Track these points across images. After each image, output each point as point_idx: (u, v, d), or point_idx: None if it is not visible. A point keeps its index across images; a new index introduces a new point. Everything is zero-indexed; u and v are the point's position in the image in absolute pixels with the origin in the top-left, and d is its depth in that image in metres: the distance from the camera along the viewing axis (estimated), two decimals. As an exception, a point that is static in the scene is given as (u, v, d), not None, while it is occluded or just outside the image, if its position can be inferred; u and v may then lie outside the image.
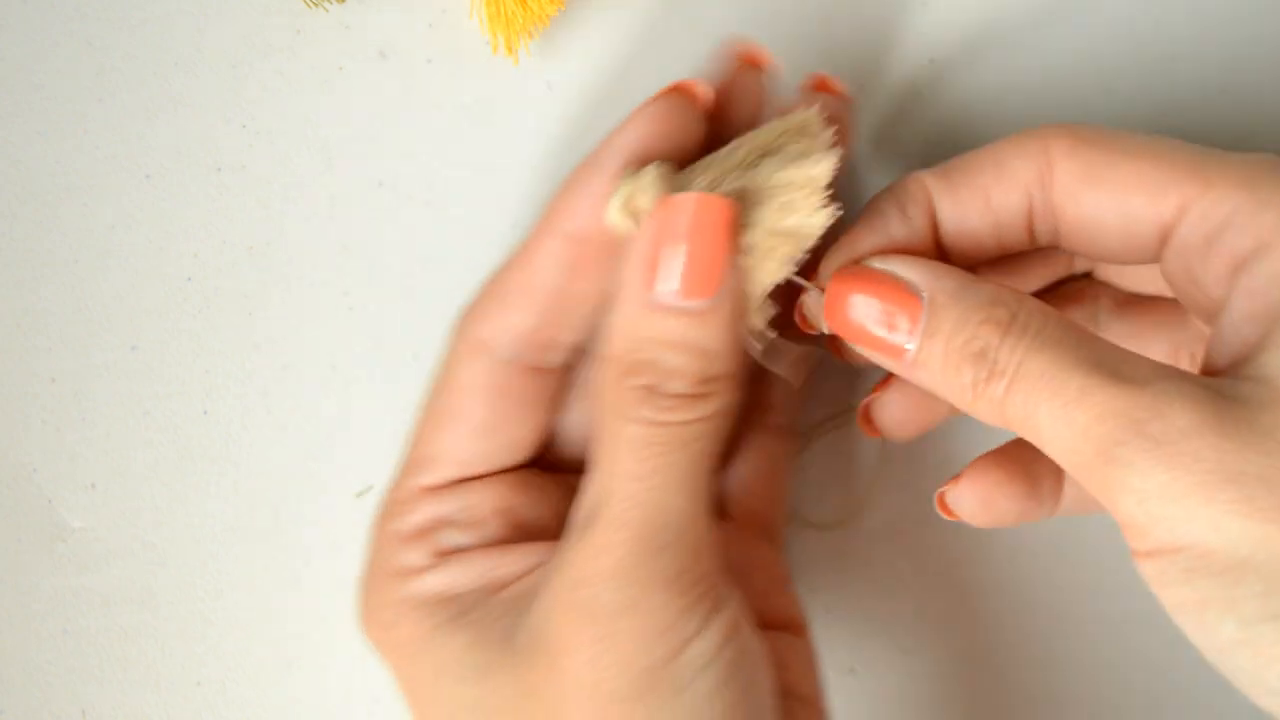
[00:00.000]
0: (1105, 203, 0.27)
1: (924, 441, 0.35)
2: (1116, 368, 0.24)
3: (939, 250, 0.29)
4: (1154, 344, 0.31)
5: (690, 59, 0.36)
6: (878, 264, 0.27)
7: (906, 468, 0.35)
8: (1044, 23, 0.35)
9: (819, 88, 0.31)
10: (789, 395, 0.33)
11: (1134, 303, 0.32)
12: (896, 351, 0.26)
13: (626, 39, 0.36)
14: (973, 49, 0.35)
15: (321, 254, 0.36)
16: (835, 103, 0.31)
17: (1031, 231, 0.28)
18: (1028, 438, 0.26)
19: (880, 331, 0.27)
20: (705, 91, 0.29)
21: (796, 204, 0.26)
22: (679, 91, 0.28)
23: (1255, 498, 0.23)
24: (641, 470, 0.25)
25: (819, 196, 0.26)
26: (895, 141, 0.35)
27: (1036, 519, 0.30)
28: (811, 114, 0.27)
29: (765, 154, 0.27)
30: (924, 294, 0.26)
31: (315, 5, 0.36)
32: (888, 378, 0.32)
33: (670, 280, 0.25)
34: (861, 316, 0.27)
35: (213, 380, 0.36)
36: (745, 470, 0.32)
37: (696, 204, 0.25)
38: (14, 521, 0.36)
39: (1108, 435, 0.24)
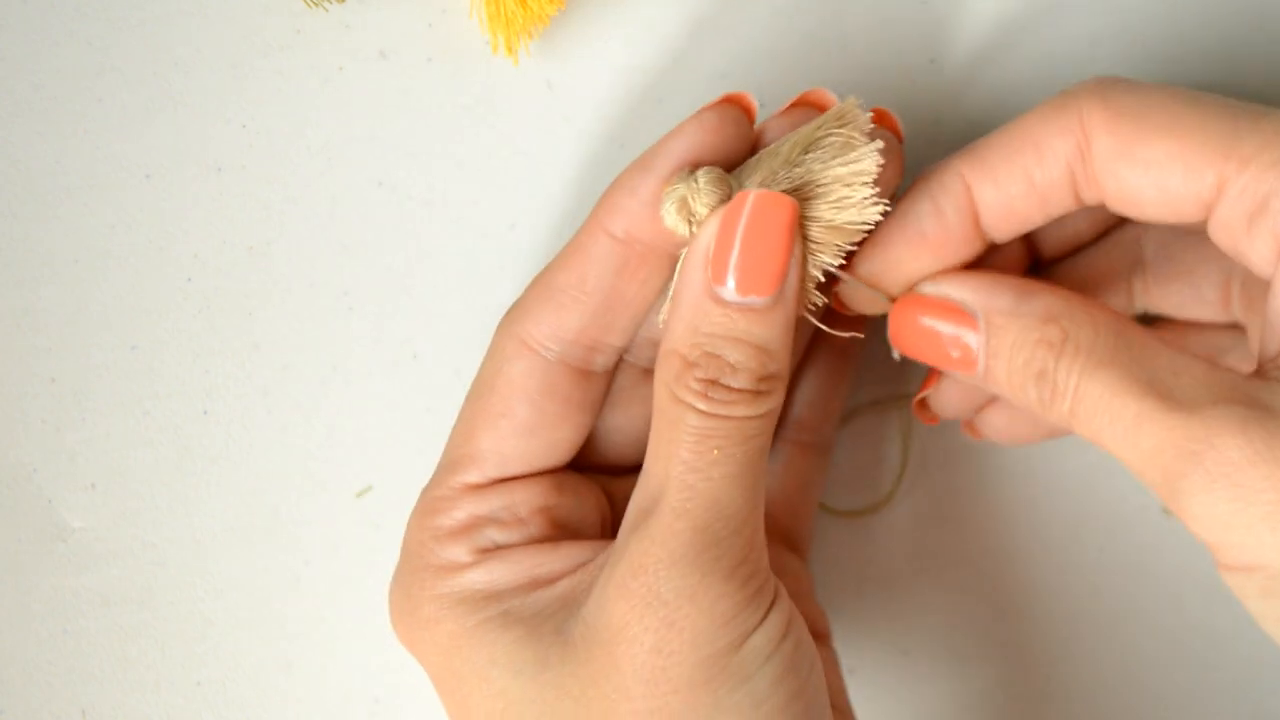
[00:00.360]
0: (1143, 179, 0.27)
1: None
2: (1169, 389, 0.25)
3: (979, 237, 0.29)
4: (1205, 280, 0.31)
5: (690, 59, 0.36)
6: (929, 289, 0.28)
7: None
8: (1044, 23, 0.35)
9: (879, 121, 0.31)
10: (819, 412, 0.33)
11: (1184, 236, 0.32)
12: (969, 369, 0.27)
13: (626, 39, 0.36)
14: (973, 49, 0.35)
15: (321, 254, 0.36)
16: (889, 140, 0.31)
17: (1078, 197, 0.28)
18: (1104, 449, 0.26)
19: (947, 355, 0.27)
20: (753, 105, 0.29)
21: (848, 199, 0.26)
22: (732, 102, 0.29)
23: None
24: (701, 462, 0.26)
25: (868, 190, 0.26)
26: (895, 141, 0.35)
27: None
28: (850, 103, 0.27)
29: (809, 148, 0.27)
30: (979, 315, 0.27)
31: (315, 5, 0.36)
32: (932, 372, 0.32)
33: (734, 276, 0.26)
34: (927, 345, 0.28)
35: (213, 380, 0.36)
36: (775, 484, 0.33)
37: (761, 202, 0.26)
38: (14, 521, 0.36)
39: (1169, 466, 0.25)
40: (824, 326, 0.28)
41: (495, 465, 0.29)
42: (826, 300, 0.28)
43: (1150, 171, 0.26)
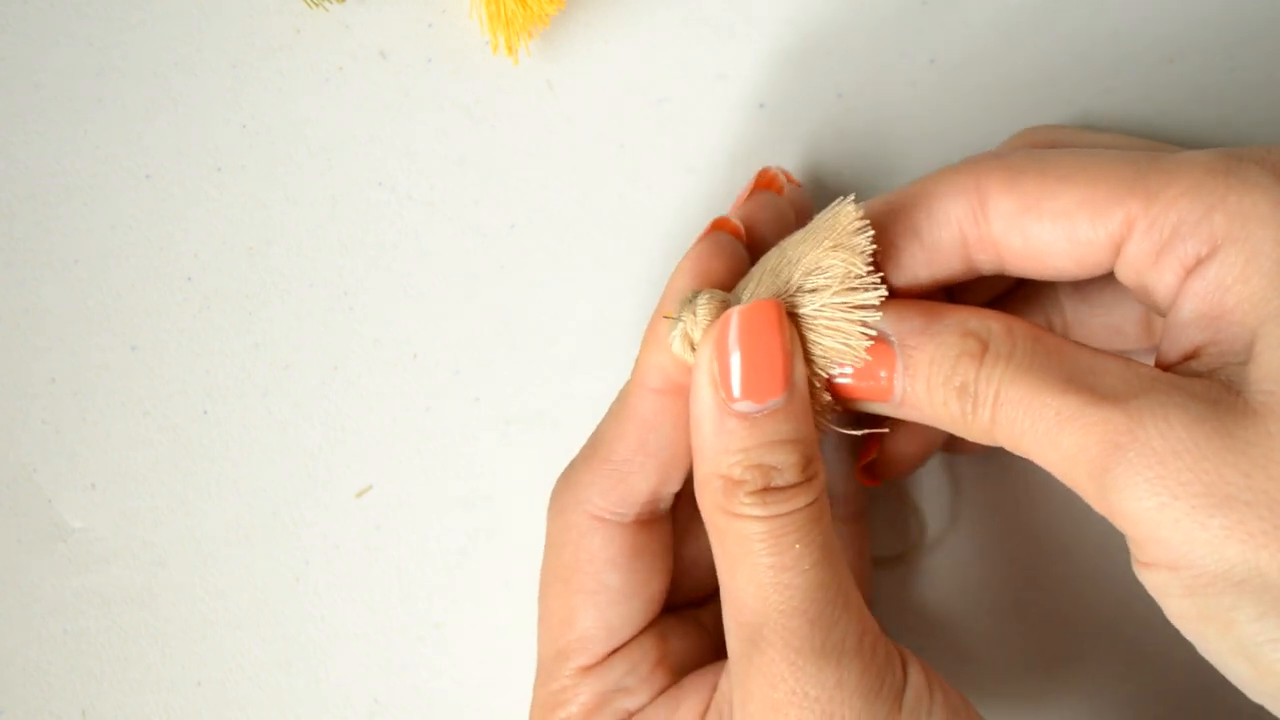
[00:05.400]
0: (1051, 231, 0.27)
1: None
2: (1091, 382, 0.25)
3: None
4: (1124, 316, 0.31)
5: (690, 59, 0.36)
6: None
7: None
8: (1044, 23, 0.35)
9: (762, 185, 0.32)
10: (849, 484, 0.34)
11: (1090, 282, 0.32)
12: (884, 395, 0.27)
13: (626, 39, 0.36)
14: (973, 49, 0.35)
15: (321, 254, 0.36)
16: (793, 193, 0.32)
17: (969, 262, 0.28)
18: (1026, 457, 0.26)
19: (865, 383, 0.27)
20: (739, 225, 0.30)
21: (840, 284, 0.26)
22: (718, 228, 0.30)
23: (1245, 522, 0.23)
24: (787, 561, 0.26)
25: (863, 272, 0.26)
26: (895, 141, 0.35)
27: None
28: (846, 205, 0.27)
29: (803, 248, 0.27)
30: (892, 338, 0.27)
31: (315, 5, 0.36)
32: (870, 443, 0.32)
33: (743, 390, 0.26)
34: (844, 382, 0.27)
35: (213, 380, 0.36)
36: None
37: (744, 315, 0.26)
38: (14, 521, 0.36)
39: (1093, 461, 0.24)
40: (841, 429, 0.29)
41: (604, 640, 0.29)
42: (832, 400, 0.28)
43: (1059, 222, 0.26)
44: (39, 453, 0.36)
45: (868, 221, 0.26)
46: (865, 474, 0.33)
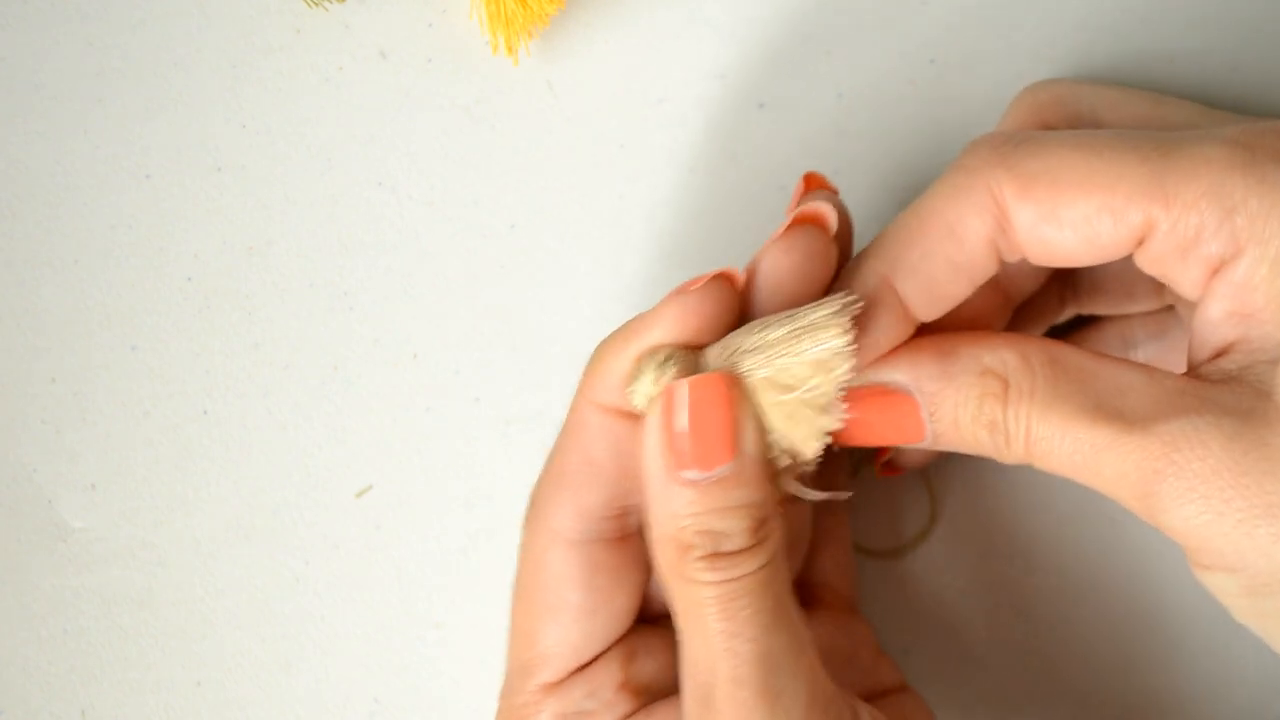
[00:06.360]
0: (1072, 237, 0.27)
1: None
2: (1119, 405, 0.25)
3: (909, 326, 0.28)
4: (1137, 282, 0.32)
5: (690, 59, 0.36)
6: (856, 381, 0.27)
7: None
8: (1044, 23, 0.35)
9: (811, 185, 0.31)
10: (841, 576, 0.34)
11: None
12: (915, 439, 0.27)
13: (626, 39, 0.36)
14: (973, 49, 0.35)
15: (321, 254, 0.36)
16: (828, 198, 0.31)
17: (1000, 262, 0.28)
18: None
19: (895, 434, 0.27)
20: (741, 279, 0.28)
21: (804, 393, 0.26)
22: (720, 280, 0.28)
23: None
24: (735, 626, 0.26)
25: (831, 398, 0.26)
26: (895, 141, 0.35)
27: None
28: (836, 329, 0.26)
29: (780, 346, 0.27)
30: (911, 389, 0.27)
31: (315, 5, 0.36)
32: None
33: (689, 458, 0.26)
34: (871, 431, 0.28)
35: (213, 380, 0.36)
36: (824, 560, 0.33)
37: (693, 386, 0.26)
38: (14, 521, 0.36)
39: (1135, 486, 0.25)
40: (809, 494, 0.28)
41: (568, 656, 0.29)
42: (808, 466, 0.28)
43: (1079, 229, 0.26)
44: (39, 453, 0.36)
45: (854, 348, 0.26)
46: (885, 469, 0.33)
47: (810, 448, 0.27)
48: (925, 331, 0.28)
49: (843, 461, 0.34)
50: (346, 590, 0.35)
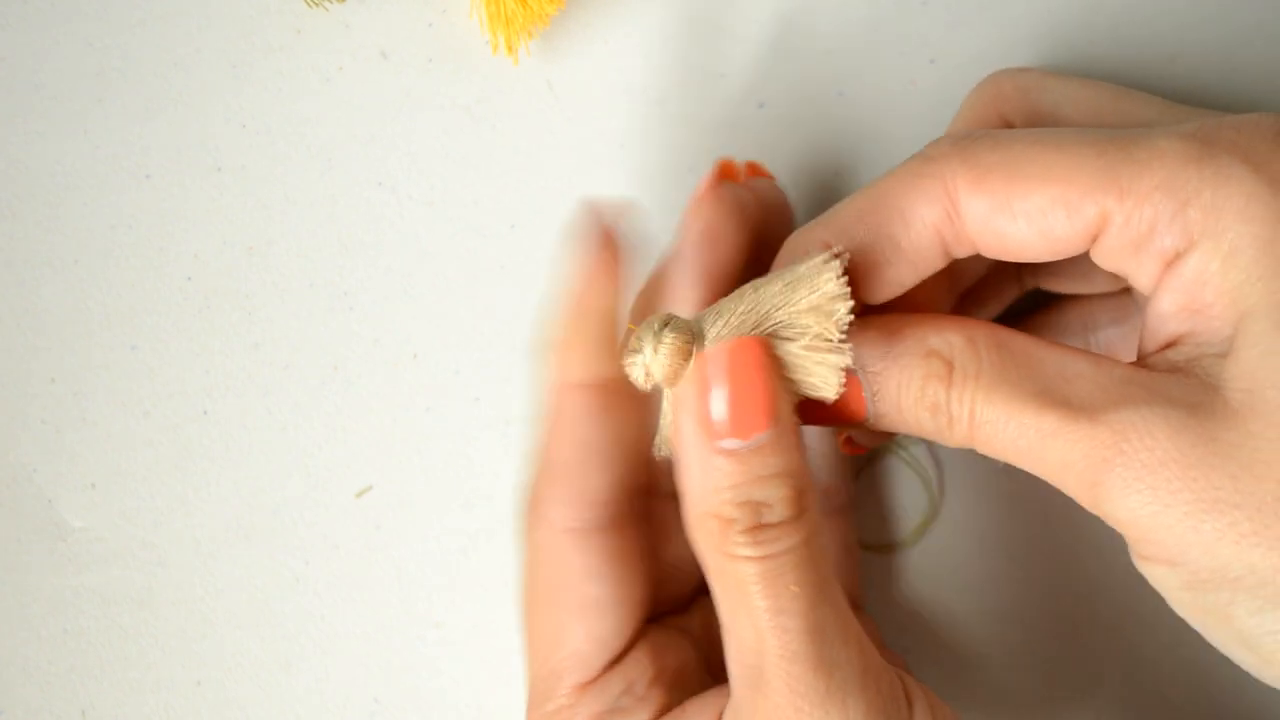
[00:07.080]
0: (1026, 230, 0.26)
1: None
2: (1066, 393, 0.25)
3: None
4: (1094, 266, 0.31)
5: (690, 59, 0.36)
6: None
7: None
8: (1043, 23, 0.35)
9: (725, 176, 0.31)
10: (840, 477, 0.33)
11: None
12: (856, 419, 0.27)
13: (626, 39, 0.36)
14: (973, 49, 0.35)
15: (321, 254, 0.36)
16: (764, 186, 0.31)
17: (948, 258, 0.28)
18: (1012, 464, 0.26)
19: (836, 414, 0.27)
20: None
21: (811, 340, 0.26)
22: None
23: (1236, 524, 0.23)
24: (783, 603, 0.25)
25: (835, 339, 0.26)
26: (895, 141, 0.35)
27: None
28: (829, 271, 0.27)
29: (778, 299, 0.27)
30: (854, 369, 0.27)
31: (315, 5, 0.36)
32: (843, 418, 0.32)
33: (729, 427, 0.26)
34: (813, 411, 0.27)
35: (213, 380, 0.36)
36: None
37: (729, 351, 0.26)
38: (14, 521, 0.36)
39: (1081, 474, 0.25)
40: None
41: (599, 653, 0.28)
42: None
43: (1033, 221, 0.26)
44: (39, 453, 0.36)
45: (849, 290, 0.26)
46: (849, 445, 0.33)
47: (831, 387, 0.26)
48: (872, 313, 0.28)
49: (847, 463, 0.34)
50: (346, 590, 0.36)
